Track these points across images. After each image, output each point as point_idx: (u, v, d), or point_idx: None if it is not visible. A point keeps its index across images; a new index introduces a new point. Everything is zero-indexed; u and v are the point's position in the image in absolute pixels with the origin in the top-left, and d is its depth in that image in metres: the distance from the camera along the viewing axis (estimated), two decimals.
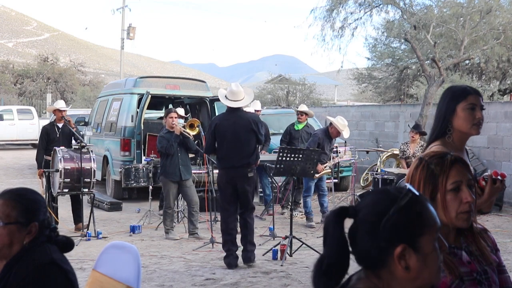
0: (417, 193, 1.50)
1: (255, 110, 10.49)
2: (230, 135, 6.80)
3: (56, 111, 9.19)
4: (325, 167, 9.70)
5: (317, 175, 9.37)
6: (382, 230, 1.44)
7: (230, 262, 6.82)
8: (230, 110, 6.93)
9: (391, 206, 1.46)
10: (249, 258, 6.90)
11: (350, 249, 1.49)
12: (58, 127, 9.18)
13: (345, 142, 11.00)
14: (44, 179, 8.85)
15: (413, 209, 1.46)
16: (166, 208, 8.64)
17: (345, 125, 9.57)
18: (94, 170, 8.61)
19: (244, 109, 7.47)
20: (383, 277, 1.47)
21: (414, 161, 2.08)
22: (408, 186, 1.52)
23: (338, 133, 9.57)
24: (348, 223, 1.54)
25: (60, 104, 9.37)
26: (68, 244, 2.53)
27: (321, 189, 9.88)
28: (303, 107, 11.06)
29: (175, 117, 8.77)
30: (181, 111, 10.61)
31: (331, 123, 9.60)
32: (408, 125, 12.25)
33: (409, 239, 1.45)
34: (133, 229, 8.91)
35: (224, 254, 6.95)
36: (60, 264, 2.41)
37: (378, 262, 1.46)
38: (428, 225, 1.47)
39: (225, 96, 6.98)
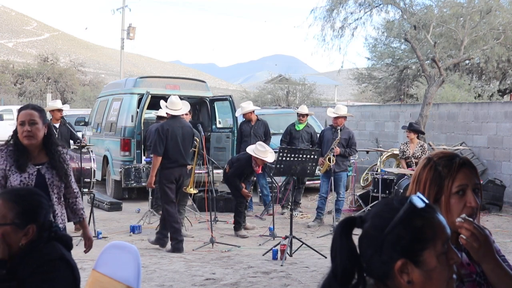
0: (419, 205, 1.43)
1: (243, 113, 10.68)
2: (180, 138, 7.74)
3: (55, 111, 9.18)
4: (325, 159, 9.34)
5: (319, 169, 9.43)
6: (383, 244, 1.41)
7: (180, 247, 7.59)
8: (173, 117, 7.86)
9: (391, 219, 1.41)
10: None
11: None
12: (55, 127, 9.15)
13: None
14: None
15: (413, 223, 1.41)
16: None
17: (341, 109, 9.69)
18: (94, 170, 8.62)
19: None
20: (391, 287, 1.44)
21: (422, 160, 2.05)
22: (413, 197, 1.45)
23: (337, 119, 9.55)
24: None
25: (60, 104, 9.40)
26: (68, 244, 2.54)
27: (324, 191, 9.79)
28: (304, 109, 10.87)
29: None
30: None
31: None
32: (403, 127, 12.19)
33: (410, 253, 1.40)
34: (133, 229, 8.90)
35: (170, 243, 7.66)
36: (69, 260, 2.44)
37: (382, 275, 1.43)
38: (430, 239, 1.42)
39: (166, 106, 7.96)
